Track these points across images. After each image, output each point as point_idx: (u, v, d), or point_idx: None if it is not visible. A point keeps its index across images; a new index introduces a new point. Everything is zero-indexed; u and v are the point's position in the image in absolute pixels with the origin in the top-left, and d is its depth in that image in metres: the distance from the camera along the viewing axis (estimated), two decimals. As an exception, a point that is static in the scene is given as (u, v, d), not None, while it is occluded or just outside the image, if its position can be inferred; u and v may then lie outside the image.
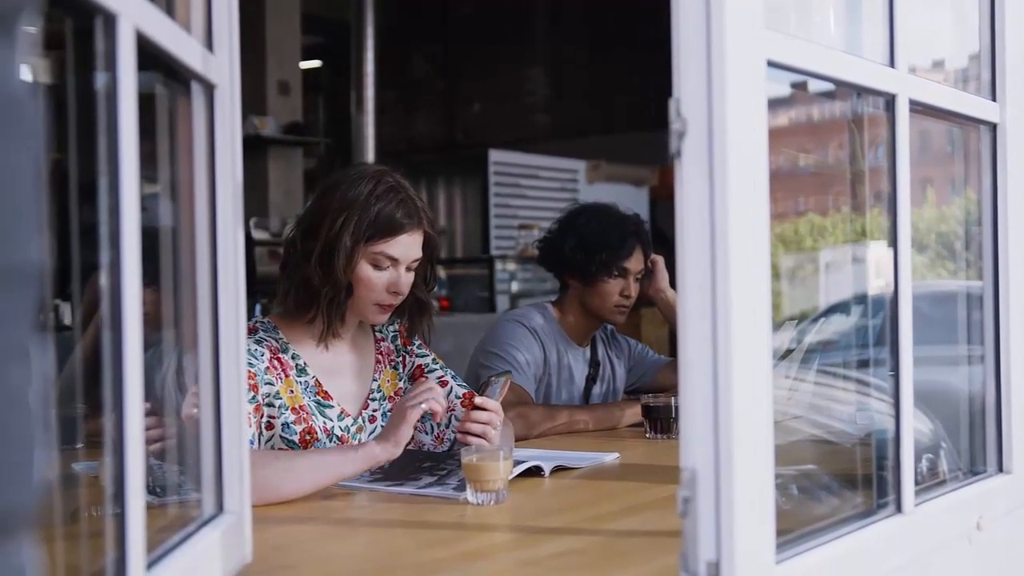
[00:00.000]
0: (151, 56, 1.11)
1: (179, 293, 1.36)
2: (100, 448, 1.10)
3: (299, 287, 2.21)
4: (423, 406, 2.00)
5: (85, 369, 1.92)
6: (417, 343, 2.42)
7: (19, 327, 0.55)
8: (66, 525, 1.17)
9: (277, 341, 2.23)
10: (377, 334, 2.40)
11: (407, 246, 2.21)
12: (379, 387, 2.35)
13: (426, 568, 1.51)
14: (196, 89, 1.33)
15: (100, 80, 1.00)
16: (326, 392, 2.25)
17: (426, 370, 2.39)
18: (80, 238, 1.03)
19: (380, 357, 2.38)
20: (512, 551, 1.63)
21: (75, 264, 1.05)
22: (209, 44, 1.35)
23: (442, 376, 2.38)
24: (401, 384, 2.38)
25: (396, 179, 2.23)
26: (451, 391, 2.35)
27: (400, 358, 2.41)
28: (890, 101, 1.51)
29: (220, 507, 1.37)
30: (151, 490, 1.25)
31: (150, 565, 1.07)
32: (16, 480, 0.54)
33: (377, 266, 2.19)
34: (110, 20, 0.98)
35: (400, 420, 1.99)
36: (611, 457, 2.36)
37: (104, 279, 1.00)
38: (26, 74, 0.61)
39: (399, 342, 2.41)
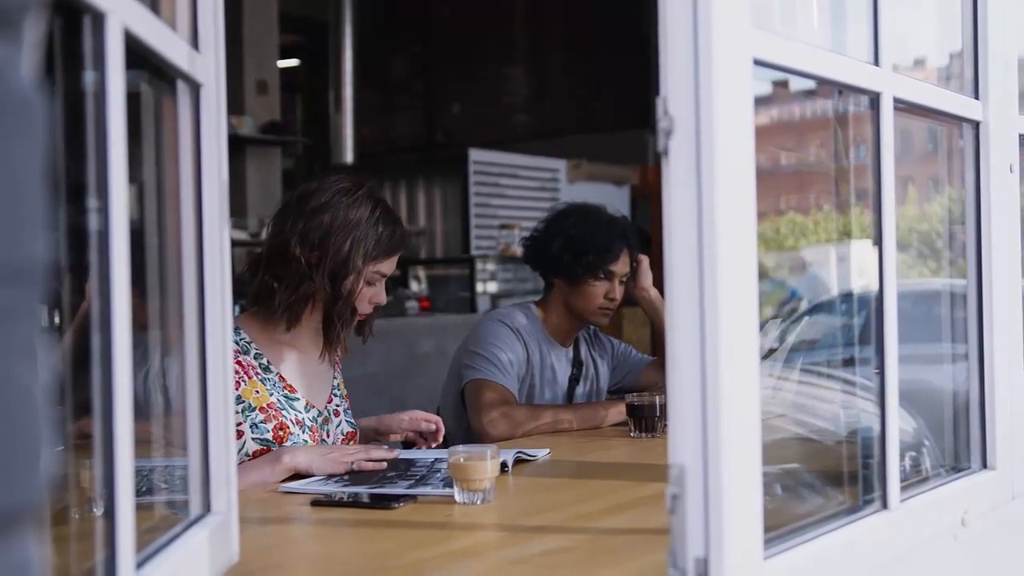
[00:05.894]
0: (137, 54, 1.10)
1: (164, 294, 1.35)
2: (82, 450, 1.09)
3: (303, 300, 2.24)
4: (352, 465, 2.12)
5: (65, 370, 1.91)
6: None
7: (26, 324, 0.55)
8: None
9: (238, 343, 2.23)
10: None
11: (395, 262, 2.32)
12: (338, 384, 2.44)
13: (415, 568, 1.51)
14: (182, 88, 1.32)
15: (88, 78, 1.00)
16: (291, 386, 2.30)
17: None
18: (66, 238, 1.02)
19: (336, 358, 2.46)
20: (501, 550, 1.62)
21: (62, 265, 1.05)
22: (195, 43, 1.34)
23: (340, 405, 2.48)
24: (346, 391, 2.49)
25: (383, 197, 2.33)
26: (339, 424, 2.41)
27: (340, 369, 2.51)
28: (875, 99, 1.52)
29: (207, 507, 1.36)
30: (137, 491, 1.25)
31: (139, 565, 1.07)
32: (24, 478, 0.54)
33: (371, 283, 2.28)
34: (98, 18, 0.98)
35: (331, 460, 2.12)
36: (543, 453, 2.37)
37: (92, 280, 0.99)
38: (31, 73, 0.60)
39: (339, 355, 2.50)
